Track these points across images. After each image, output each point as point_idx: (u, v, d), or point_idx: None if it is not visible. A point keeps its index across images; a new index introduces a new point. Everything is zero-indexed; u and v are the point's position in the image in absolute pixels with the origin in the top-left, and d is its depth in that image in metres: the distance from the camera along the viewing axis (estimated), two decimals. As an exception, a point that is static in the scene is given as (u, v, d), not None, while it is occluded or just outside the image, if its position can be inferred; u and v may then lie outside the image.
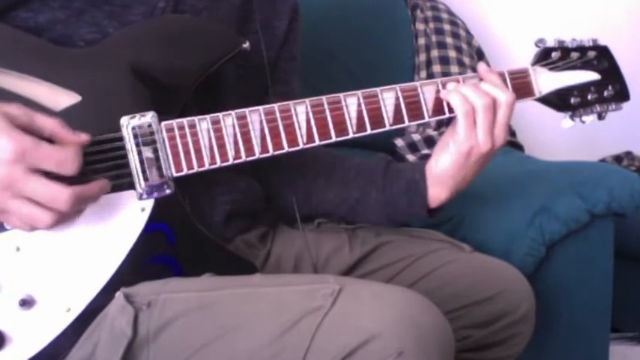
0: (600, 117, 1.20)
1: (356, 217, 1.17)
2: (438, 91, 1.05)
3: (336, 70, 1.87)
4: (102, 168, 0.89)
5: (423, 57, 2.02)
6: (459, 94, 1.03)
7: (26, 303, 0.87)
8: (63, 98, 0.90)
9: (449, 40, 2.06)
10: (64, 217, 0.83)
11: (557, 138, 1.23)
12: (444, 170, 1.07)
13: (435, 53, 2.02)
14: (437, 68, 2.00)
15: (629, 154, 2.30)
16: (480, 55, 2.13)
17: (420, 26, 2.06)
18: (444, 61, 2.01)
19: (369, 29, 1.98)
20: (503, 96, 1.04)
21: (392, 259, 1.16)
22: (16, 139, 0.79)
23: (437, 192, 1.08)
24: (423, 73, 2.00)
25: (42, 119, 0.83)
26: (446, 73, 1.98)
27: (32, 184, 0.80)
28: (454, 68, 2.00)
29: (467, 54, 2.06)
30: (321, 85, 1.29)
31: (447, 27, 2.08)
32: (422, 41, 2.04)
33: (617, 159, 2.28)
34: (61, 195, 0.81)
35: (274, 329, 0.82)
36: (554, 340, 1.38)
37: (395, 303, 0.83)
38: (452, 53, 2.03)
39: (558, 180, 1.42)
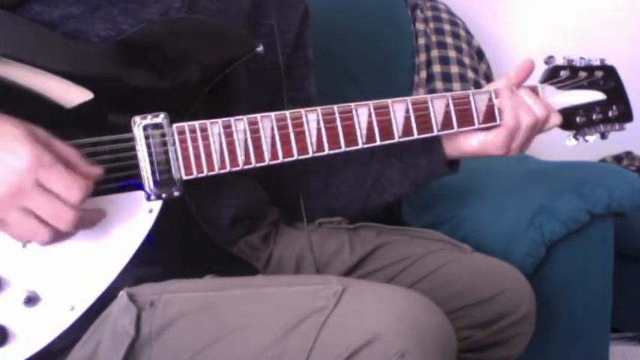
0: (603, 137, 1.22)
1: (382, 193, 1.18)
2: (447, 105, 1.06)
3: (336, 70, 1.86)
4: (112, 168, 0.89)
5: (423, 57, 2.02)
6: (513, 109, 1.07)
7: (31, 300, 0.87)
8: (75, 95, 0.89)
9: (449, 40, 2.06)
10: (61, 237, 0.83)
11: (557, 138, 1.24)
12: (459, 149, 1.12)
13: (435, 53, 2.02)
14: (437, 68, 2.00)
15: (629, 154, 2.31)
16: (480, 55, 2.13)
17: (420, 26, 2.06)
18: (444, 61, 2.01)
19: (369, 29, 1.97)
20: (555, 118, 1.11)
21: (392, 259, 1.16)
22: (35, 151, 0.79)
23: (451, 150, 1.14)
24: (423, 73, 1.99)
25: (60, 145, 0.83)
26: (446, 73, 1.98)
27: (39, 198, 0.79)
28: (454, 68, 2.00)
29: (467, 54, 2.06)
30: (321, 85, 1.29)
31: (447, 27, 2.08)
32: (422, 41, 2.04)
33: (617, 159, 2.28)
34: (65, 214, 0.80)
35: (277, 330, 0.82)
36: (554, 340, 1.38)
37: (397, 303, 0.83)
38: (452, 53, 2.03)
39: (558, 180, 1.42)
